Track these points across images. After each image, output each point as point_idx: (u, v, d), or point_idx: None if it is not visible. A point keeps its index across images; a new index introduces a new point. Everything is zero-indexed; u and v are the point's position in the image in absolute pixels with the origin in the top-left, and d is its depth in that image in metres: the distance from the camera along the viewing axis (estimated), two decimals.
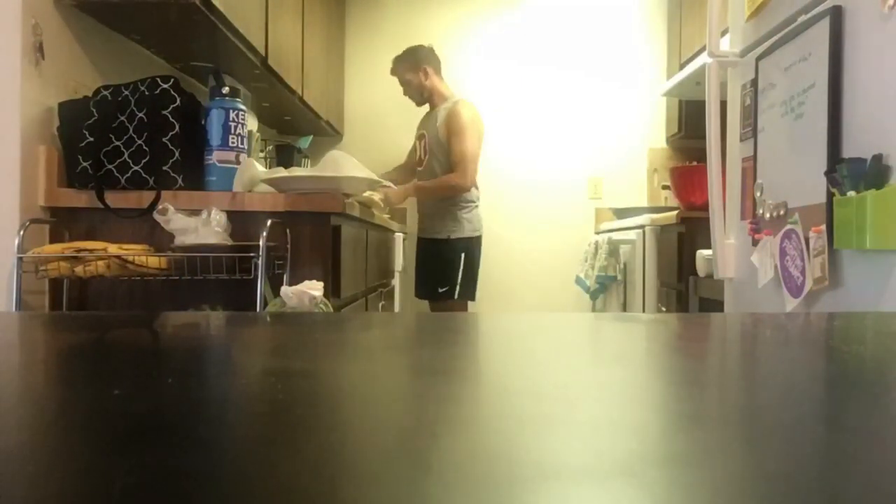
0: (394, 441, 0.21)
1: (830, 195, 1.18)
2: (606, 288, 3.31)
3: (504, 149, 4.07)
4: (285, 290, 1.47)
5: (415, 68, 3.14)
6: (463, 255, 3.10)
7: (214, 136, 1.78)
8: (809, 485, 0.18)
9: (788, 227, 1.34)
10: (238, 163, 1.81)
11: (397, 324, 0.54)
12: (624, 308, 3.15)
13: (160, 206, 1.60)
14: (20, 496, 0.16)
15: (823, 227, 1.21)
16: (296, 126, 3.61)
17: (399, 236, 3.50)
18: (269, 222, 1.60)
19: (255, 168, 1.79)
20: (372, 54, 4.12)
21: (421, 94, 3.18)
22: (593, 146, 4.05)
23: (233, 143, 1.80)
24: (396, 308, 3.54)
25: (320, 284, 1.48)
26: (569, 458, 0.19)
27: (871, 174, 1.08)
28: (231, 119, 1.80)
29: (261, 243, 1.56)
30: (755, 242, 1.50)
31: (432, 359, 0.37)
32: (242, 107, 1.84)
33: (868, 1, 1.13)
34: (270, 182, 1.76)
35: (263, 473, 0.18)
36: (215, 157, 1.78)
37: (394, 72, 3.22)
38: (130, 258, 1.55)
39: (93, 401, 0.26)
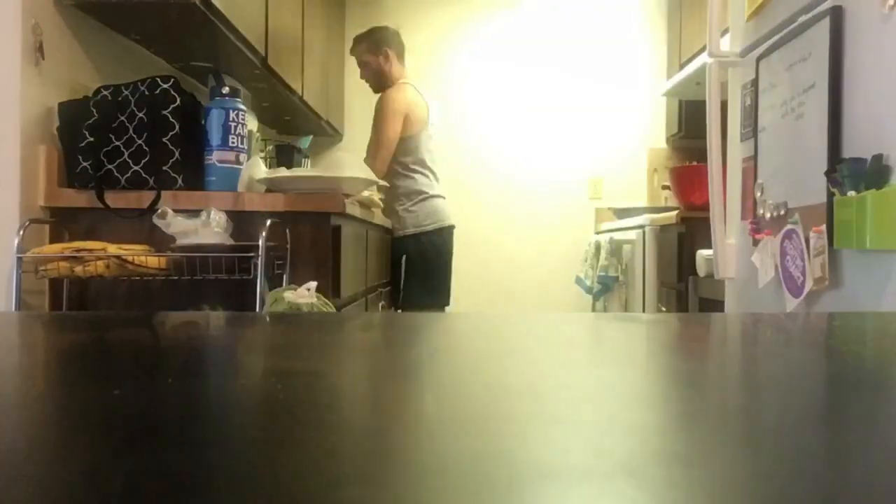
0: (393, 441, 0.21)
1: (830, 195, 1.18)
2: (609, 288, 3.31)
3: (504, 150, 4.07)
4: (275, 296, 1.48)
5: (375, 50, 2.85)
6: (404, 256, 2.80)
7: (214, 136, 1.78)
8: (809, 485, 0.18)
9: (789, 227, 1.34)
10: (238, 163, 1.81)
11: (397, 324, 0.54)
12: (625, 308, 3.15)
13: (159, 210, 1.60)
14: (20, 496, 0.16)
15: (823, 227, 1.21)
16: (296, 126, 3.61)
17: None
18: (268, 222, 1.60)
19: (257, 168, 1.79)
20: None
21: (378, 78, 2.87)
22: (593, 146, 4.05)
23: (233, 143, 1.80)
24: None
25: (308, 290, 1.48)
26: (569, 458, 0.19)
27: (871, 174, 1.08)
28: (231, 119, 1.79)
29: (260, 243, 1.56)
30: (755, 242, 1.50)
31: (432, 359, 0.37)
32: (242, 107, 1.84)
33: (868, 1, 1.13)
34: (269, 182, 1.76)
35: (263, 474, 0.18)
36: (215, 157, 1.78)
37: (353, 51, 2.94)
38: (130, 258, 1.55)
39: (93, 401, 0.26)
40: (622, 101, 4.04)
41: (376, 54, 2.86)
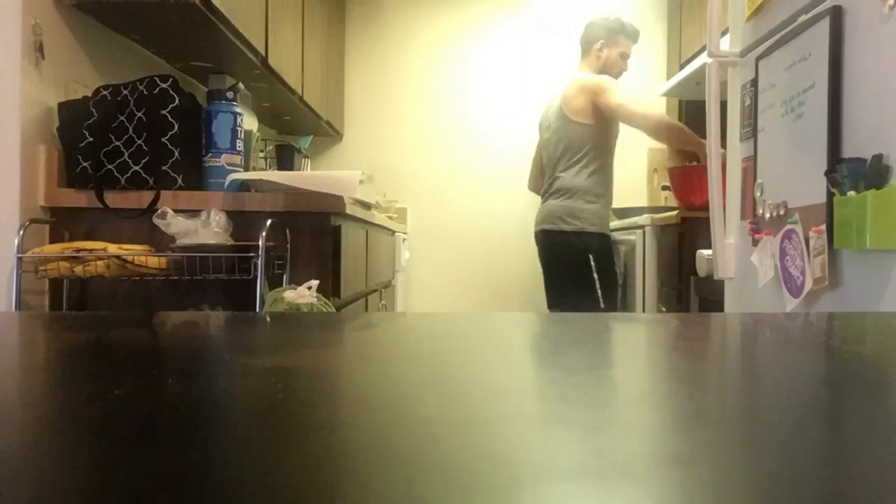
0: (393, 441, 0.21)
1: (830, 195, 1.18)
2: None
3: (506, 148, 4.07)
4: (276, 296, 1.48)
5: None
6: (591, 255, 2.67)
7: (223, 139, 1.79)
8: (809, 485, 0.18)
9: (788, 226, 1.34)
10: (244, 166, 1.84)
11: (397, 324, 0.54)
12: (624, 308, 3.15)
13: (159, 210, 1.60)
14: (20, 496, 0.16)
15: (823, 227, 1.21)
16: (296, 126, 3.61)
17: (399, 236, 3.50)
18: (268, 222, 1.60)
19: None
20: (372, 54, 4.12)
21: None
22: None
23: (239, 147, 1.82)
24: (397, 308, 3.54)
25: (308, 291, 1.48)
26: (569, 458, 0.19)
27: (871, 174, 1.08)
28: (238, 123, 1.81)
29: (260, 243, 1.56)
30: (755, 242, 1.50)
31: (431, 359, 0.37)
32: (239, 110, 1.85)
33: (868, 1, 1.13)
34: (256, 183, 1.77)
35: (263, 473, 0.18)
36: (224, 160, 1.79)
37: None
38: (130, 258, 1.55)
39: (93, 401, 0.26)
40: None
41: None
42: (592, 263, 2.63)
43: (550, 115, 2.84)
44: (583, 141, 2.71)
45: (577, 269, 2.64)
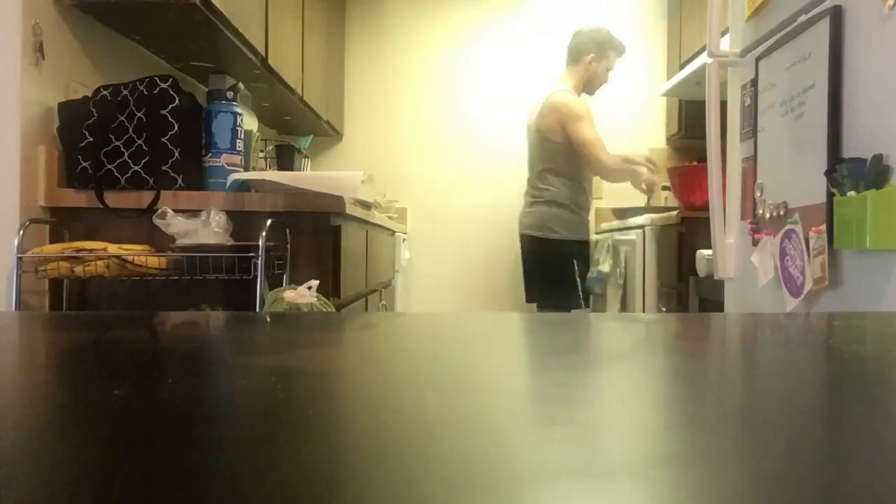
0: (393, 441, 0.21)
1: (830, 195, 1.18)
2: (601, 282, 3.27)
3: (503, 149, 4.07)
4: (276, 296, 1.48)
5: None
6: (576, 261, 2.95)
7: (223, 139, 1.79)
8: (809, 485, 0.18)
9: (788, 226, 1.34)
10: (244, 166, 1.84)
11: (397, 324, 0.54)
12: (624, 308, 3.15)
13: (159, 210, 1.60)
14: (20, 496, 0.16)
15: (823, 227, 1.21)
16: (296, 126, 3.61)
17: (399, 236, 3.50)
18: (268, 222, 1.60)
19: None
20: (372, 54, 4.12)
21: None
22: None
23: (239, 147, 1.82)
24: (397, 308, 3.54)
25: (308, 291, 1.48)
26: (569, 458, 0.19)
27: (871, 174, 1.08)
28: (238, 123, 1.81)
29: (260, 243, 1.56)
30: (755, 242, 1.50)
31: (432, 359, 0.37)
32: (239, 110, 1.85)
33: (868, 1, 1.13)
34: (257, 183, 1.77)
35: (263, 473, 0.18)
36: (224, 160, 1.79)
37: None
38: (130, 258, 1.55)
39: (93, 401, 0.26)
40: (622, 101, 4.04)
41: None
42: (576, 268, 2.91)
43: (531, 124, 3.03)
44: (558, 156, 2.90)
45: (561, 273, 2.90)
